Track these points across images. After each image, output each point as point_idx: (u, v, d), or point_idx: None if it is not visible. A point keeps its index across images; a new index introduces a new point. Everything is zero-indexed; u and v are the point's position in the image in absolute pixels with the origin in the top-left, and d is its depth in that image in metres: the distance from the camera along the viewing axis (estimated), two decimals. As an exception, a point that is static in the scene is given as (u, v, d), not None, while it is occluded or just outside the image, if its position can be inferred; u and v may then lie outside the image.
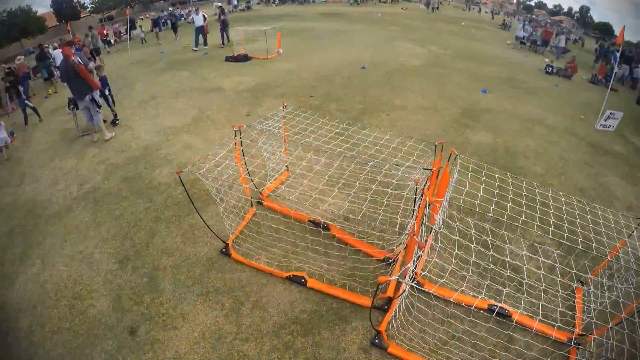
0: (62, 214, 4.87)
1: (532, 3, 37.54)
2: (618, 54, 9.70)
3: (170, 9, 26.83)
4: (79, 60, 5.93)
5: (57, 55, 11.92)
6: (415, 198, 3.02)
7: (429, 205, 3.08)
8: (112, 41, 17.77)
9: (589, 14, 33.00)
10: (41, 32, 24.98)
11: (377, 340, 3.02)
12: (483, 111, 8.06)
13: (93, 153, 6.39)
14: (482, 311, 3.18)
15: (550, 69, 13.18)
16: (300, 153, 4.25)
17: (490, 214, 3.33)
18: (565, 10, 35.46)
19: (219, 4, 17.89)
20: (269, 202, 4.65)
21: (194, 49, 13.93)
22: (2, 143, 6.59)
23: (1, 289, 3.86)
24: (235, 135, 3.98)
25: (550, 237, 3.51)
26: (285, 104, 4.64)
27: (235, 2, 29.42)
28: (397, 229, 3.56)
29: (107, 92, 7.35)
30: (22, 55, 12.52)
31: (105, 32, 17.22)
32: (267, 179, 4.84)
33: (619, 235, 3.35)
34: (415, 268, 3.10)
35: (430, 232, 3.24)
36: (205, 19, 13.76)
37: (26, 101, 8.37)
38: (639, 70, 14.23)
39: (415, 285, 2.68)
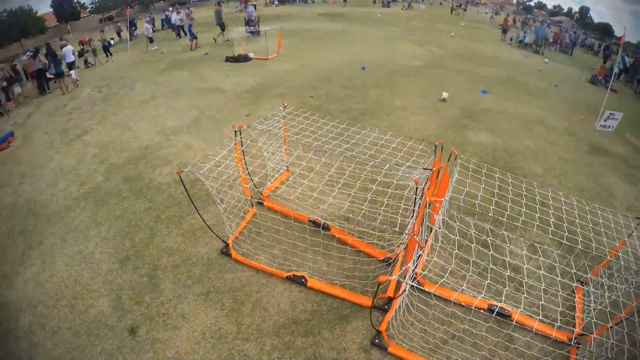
0: (62, 214, 4.87)
1: (532, 3, 37.61)
2: (623, 54, 9.72)
3: (170, 9, 26.51)
4: None
5: (67, 52, 11.83)
6: (415, 198, 3.03)
7: (429, 205, 3.08)
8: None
9: (588, 15, 33.05)
10: (41, 32, 24.98)
11: (377, 340, 3.02)
12: (483, 111, 8.07)
13: (93, 153, 6.40)
14: (482, 311, 3.18)
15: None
16: (300, 153, 4.26)
17: (490, 214, 3.34)
18: (565, 10, 35.54)
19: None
20: (269, 202, 4.65)
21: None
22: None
23: (1, 288, 3.86)
24: (236, 136, 3.98)
25: (550, 237, 3.52)
26: (285, 104, 4.64)
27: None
28: (397, 229, 3.56)
29: None
30: (28, 53, 12.40)
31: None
32: (267, 179, 4.84)
33: (618, 235, 3.36)
34: (415, 268, 3.10)
35: (431, 232, 3.24)
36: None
37: None
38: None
39: (415, 285, 2.68)
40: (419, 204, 3.00)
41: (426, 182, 3.20)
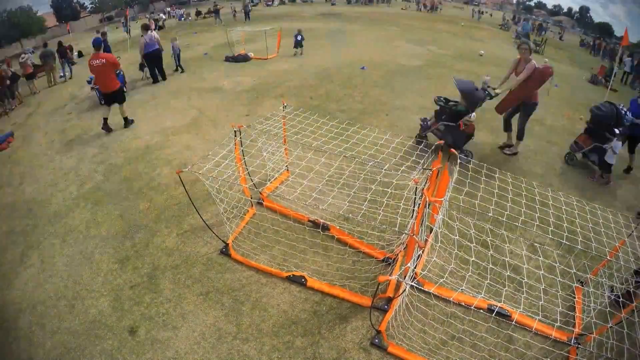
0: (62, 214, 4.87)
1: (532, 3, 37.61)
2: (623, 55, 9.67)
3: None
4: None
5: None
6: (415, 198, 3.02)
7: (429, 205, 3.08)
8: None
9: (588, 14, 33.07)
10: (41, 32, 25.02)
11: (377, 340, 3.02)
12: (482, 111, 8.05)
13: (93, 153, 6.40)
14: (481, 311, 3.18)
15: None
16: (300, 153, 4.26)
17: (490, 214, 3.33)
18: (565, 10, 35.55)
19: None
20: (268, 202, 4.65)
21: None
22: None
23: (1, 289, 3.86)
24: (235, 136, 3.98)
25: (550, 237, 3.52)
26: (285, 104, 4.64)
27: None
28: (397, 229, 3.56)
29: None
30: (25, 54, 12.38)
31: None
32: (267, 179, 4.84)
33: (618, 235, 3.36)
34: (415, 268, 3.10)
35: (430, 231, 3.24)
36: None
37: None
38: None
39: (415, 284, 2.68)
40: (419, 204, 3.00)
41: (426, 182, 3.20)
